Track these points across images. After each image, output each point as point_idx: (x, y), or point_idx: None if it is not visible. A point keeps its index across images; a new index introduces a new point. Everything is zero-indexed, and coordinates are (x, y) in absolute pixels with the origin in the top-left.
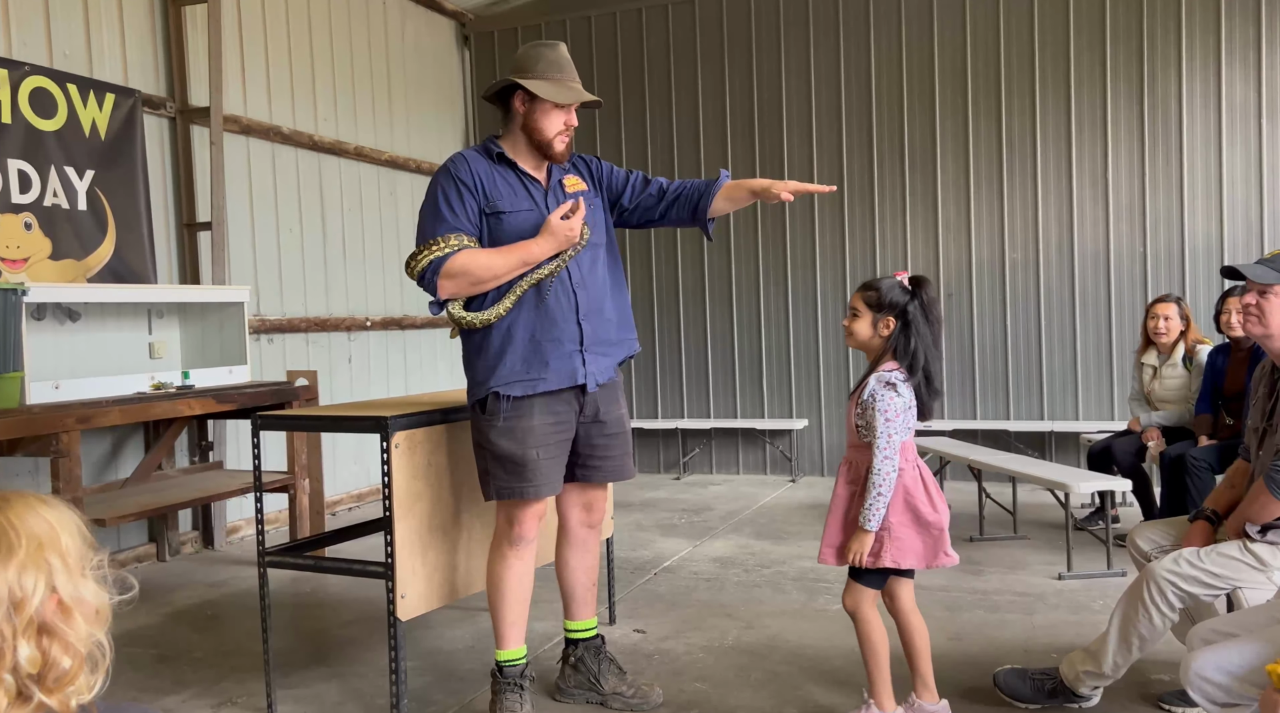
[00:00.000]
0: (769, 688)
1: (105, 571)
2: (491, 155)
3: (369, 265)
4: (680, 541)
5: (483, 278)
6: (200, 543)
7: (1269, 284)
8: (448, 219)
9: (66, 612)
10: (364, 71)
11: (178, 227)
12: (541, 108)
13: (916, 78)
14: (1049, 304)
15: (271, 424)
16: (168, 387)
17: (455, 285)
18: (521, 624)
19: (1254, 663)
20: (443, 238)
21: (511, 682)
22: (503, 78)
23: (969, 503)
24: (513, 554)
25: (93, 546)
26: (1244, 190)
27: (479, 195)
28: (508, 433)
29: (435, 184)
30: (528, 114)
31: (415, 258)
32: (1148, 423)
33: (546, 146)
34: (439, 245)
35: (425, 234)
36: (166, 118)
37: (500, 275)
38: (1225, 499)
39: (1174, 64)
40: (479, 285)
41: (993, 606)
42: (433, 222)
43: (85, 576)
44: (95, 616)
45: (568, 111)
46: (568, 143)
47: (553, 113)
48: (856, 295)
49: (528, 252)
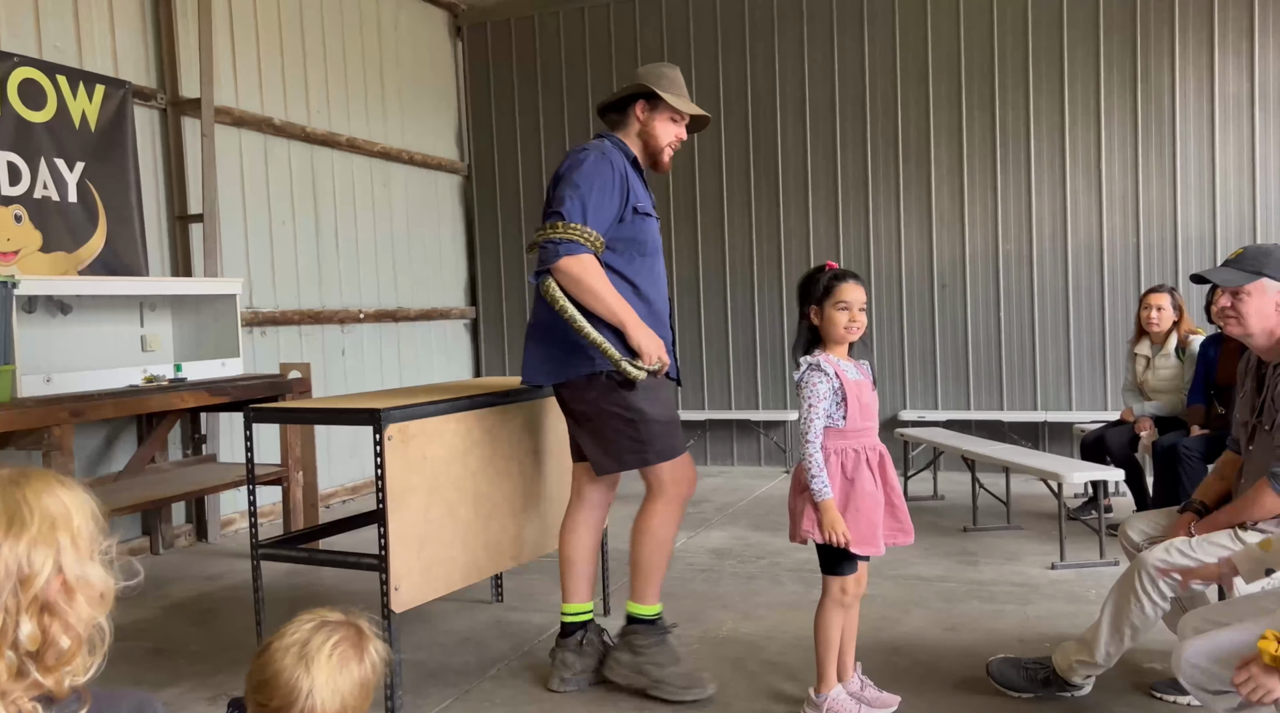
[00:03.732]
0: (765, 678)
1: (113, 556)
2: (626, 155)
3: (362, 257)
4: None
5: (586, 293)
6: (194, 536)
7: (1239, 286)
8: (597, 209)
9: (70, 592)
10: (356, 63)
11: (169, 219)
12: (660, 118)
13: (910, 69)
14: (1042, 295)
15: (264, 417)
16: (160, 380)
17: (567, 279)
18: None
19: (1245, 652)
20: (590, 230)
21: (660, 628)
22: (633, 84)
23: (963, 494)
24: (678, 511)
25: (104, 530)
26: (1236, 181)
27: (623, 193)
28: (657, 401)
29: (596, 167)
30: (647, 121)
31: (555, 226)
32: (1140, 413)
33: (657, 153)
34: (581, 233)
35: (573, 210)
36: (157, 109)
37: (597, 307)
38: (1214, 491)
39: (1167, 55)
40: (579, 295)
41: (988, 596)
42: (585, 202)
43: (93, 559)
44: (99, 599)
45: (680, 125)
46: (671, 156)
47: (670, 124)
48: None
49: (628, 322)
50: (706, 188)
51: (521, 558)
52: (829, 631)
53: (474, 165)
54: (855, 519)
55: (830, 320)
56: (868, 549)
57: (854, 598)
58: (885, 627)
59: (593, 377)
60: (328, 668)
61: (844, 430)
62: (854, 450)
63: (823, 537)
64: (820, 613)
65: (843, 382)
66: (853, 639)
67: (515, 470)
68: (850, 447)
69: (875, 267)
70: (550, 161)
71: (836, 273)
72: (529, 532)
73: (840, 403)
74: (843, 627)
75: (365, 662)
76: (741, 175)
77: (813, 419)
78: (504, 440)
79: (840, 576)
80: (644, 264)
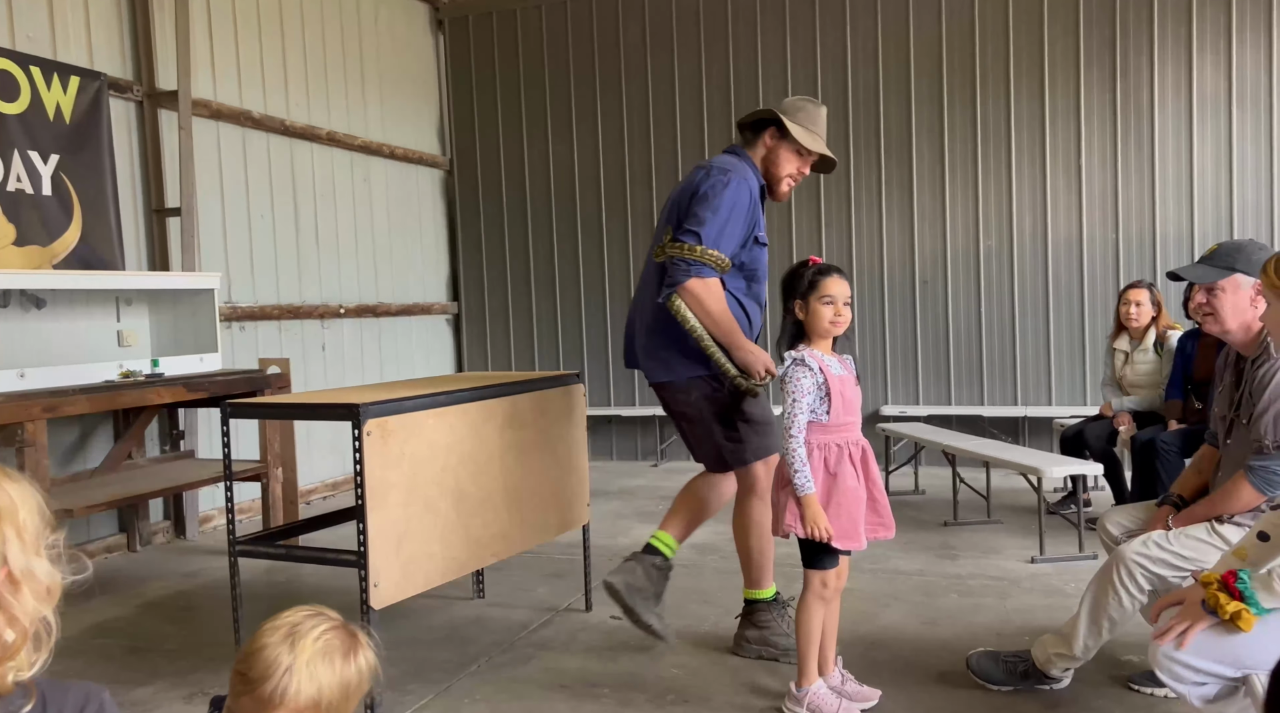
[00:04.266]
0: (746, 674)
1: (60, 550)
2: (758, 180)
3: (342, 252)
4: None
5: (705, 315)
6: (172, 533)
7: (1214, 282)
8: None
9: (15, 585)
10: (336, 56)
11: (146, 212)
12: (786, 149)
13: (892, 67)
14: (1023, 291)
15: (242, 412)
16: (137, 375)
17: (691, 299)
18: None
19: (1221, 644)
20: (721, 256)
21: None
22: (766, 108)
23: (944, 488)
24: (766, 505)
25: (51, 525)
26: (1214, 178)
27: (750, 221)
28: (755, 402)
29: (737, 193)
30: (773, 149)
31: (692, 249)
32: (1119, 408)
33: (775, 182)
34: (714, 259)
35: (710, 234)
36: (133, 101)
37: (713, 328)
38: (1191, 485)
39: (1146, 53)
40: (700, 314)
41: (967, 590)
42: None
43: (39, 553)
44: (45, 593)
45: (805, 161)
46: (790, 189)
47: (794, 157)
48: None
49: (738, 343)
50: None
51: (503, 554)
52: (810, 624)
53: (456, 159)
54: (837, 514)
55: (815, 315)
56: (849, 544)
57: (835, 592)
58: (865, 621)
59: (695, 380)
60: (310, 651)
61: (827, 425)
62: (837, 445)
63: (805, 531)
64: (801, 607)
65: (827, 376)
66: (834, 633)
67: (496, 466)
68: (833, 441)
69: (857, 262)
70: (533, 155)
71: (821, 267)
72: (511, 528)
73: (824, 398)
74: (823, 621)
75: (351, 664)
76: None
77: (796, 414)
78: (485, 436)
79: (821, 570)
80: (753, 289)
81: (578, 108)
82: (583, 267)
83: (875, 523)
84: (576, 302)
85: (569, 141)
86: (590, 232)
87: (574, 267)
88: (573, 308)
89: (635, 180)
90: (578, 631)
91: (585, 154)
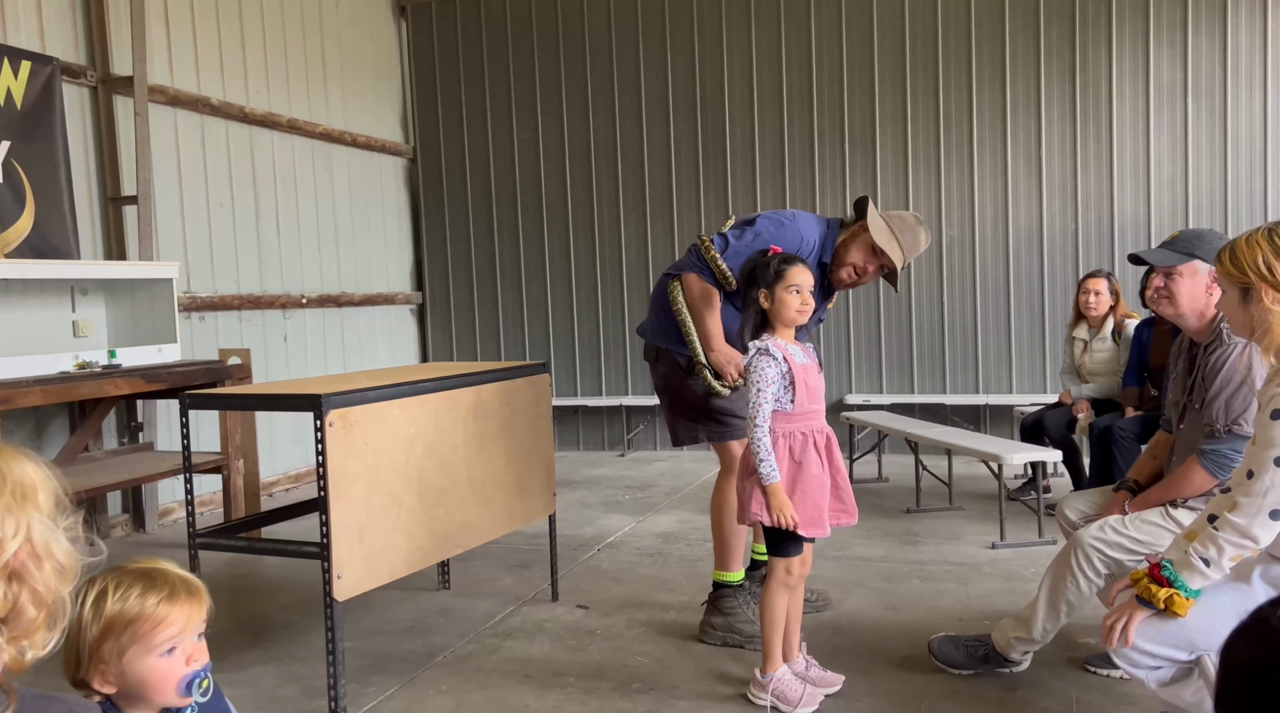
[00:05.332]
0: (711, 661)
1: (77, 533)
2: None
3: (304, 241)
4: (624, 517)
5: (692, 310)
6: (131, 526)
7: (1173, 266)
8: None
9: (39, 562)
10: (296, 42)
11: (102, 201)
12: (862, 240)
13: (856, 57)
14: (984, 281)
15: (200, 403)
16: (93, 366)
17: (685, 290)
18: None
19: (1175, 628)
20: (729, 272)
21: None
22: (866, 196)
23: (907, 476)
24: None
25: (65, 507)
26: (1170, 168)
27: None
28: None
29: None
30: (853, 235)
31: (709, 249)
32: (1078, 395)
33: (839, 265)
34: (720, 270)
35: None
36: (87, 87)
37: (694, 323)
38: (1147, 470)
39: (1104, 44)
40: (689, 305)
41: (929, 576)
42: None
43: (59, 531)
44: (64, 572)
45: (872, 260)
46: (852, 281)
47: (864, 250)
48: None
49: (715, 345)
50: (655, 174)
51: (468, 545)
52: (774, 612)
53: (419, 148)
54: (802, 502)
55: (782, 303)
56: (814, 531)
57: (799, 579)
58: (829, 607)
59: (665, 353)
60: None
61: (791, 414)
62: (801, 434)
63: (771, 520)
64: (765, 594)
65: (791, 366)
66: (798, 620)
67: (461, 457)
68: (798, 430)
69: None
70: (497, 143)
71: (785, 257)
72: (476, 518)
73: (789, 387)
74: (788, 608)
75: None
76: (690, 162)
77: (761, 404)
78: (449, 427)
79: (786, 557)
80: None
81: (542, 95)
82: (549, 255)
83: (838, 509)
84: (542, 291)
85: (534, 129)
86: (556, 220)
87: (540, 255)
88: (539, 297)
89: (600, 169)
90: (544, 621)
91: (550, 142)
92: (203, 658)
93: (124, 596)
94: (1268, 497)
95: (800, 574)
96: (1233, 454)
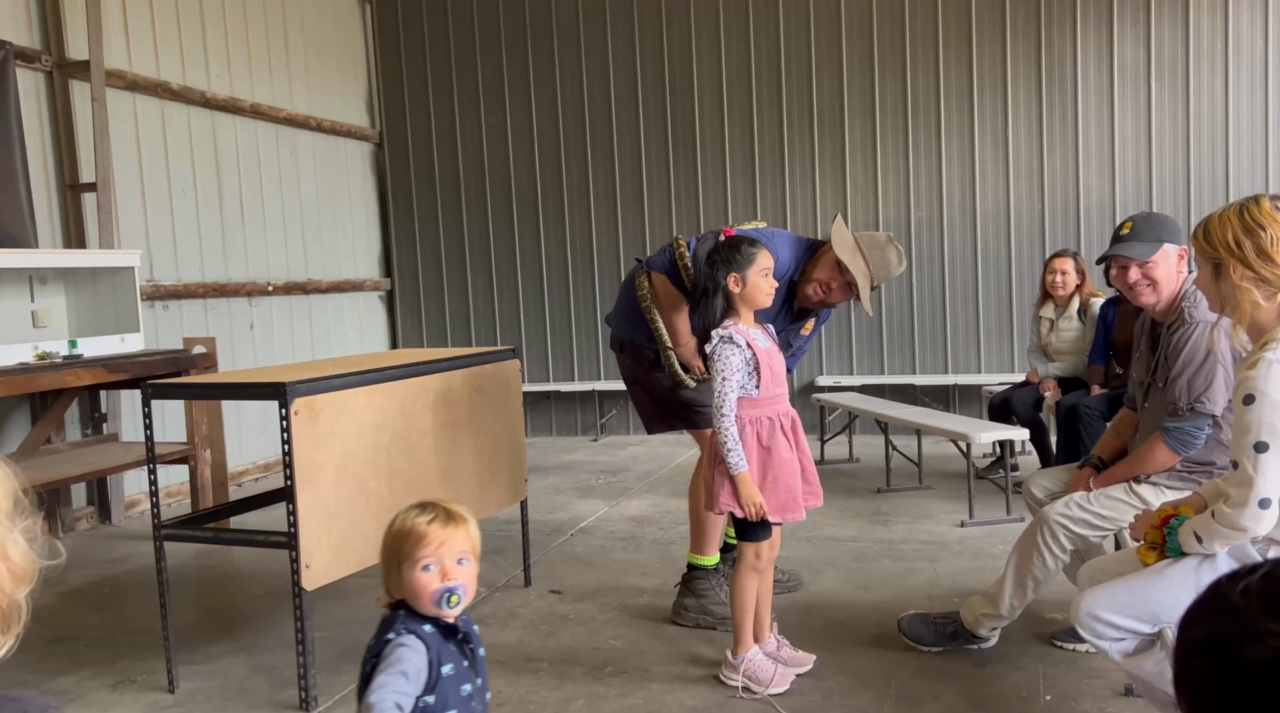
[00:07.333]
0: (683, 644)
1: (36, 534)
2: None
3: (269, 227)
4: (597, 501)
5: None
6: (97, 519)
7: (1148, 257)
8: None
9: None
10: (259, 26)
11: (60, 188)
12: (829, 257)
13: (824, 39)
14: (953, 261)
15: (164, 393)
16: (54, 356)
17: (655, 288)
18: None
19: (1138, 601)
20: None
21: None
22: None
23: (877, 456)
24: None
25: (24, 509)
26: (1134, 149)
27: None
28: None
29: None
30: (823, 253)
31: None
32: (1045, 374)
33: (805, 281)
34: (687, 272)
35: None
36: (42, 72)
37: (656, 319)
38: (1111, 447)
39: (1069, 25)
40: (655, 301)
41: (899, 555)
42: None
43: (15, 532)
44: (20, 575)
45: (835, 276)
46: (819, 297)
47: (829, 267)
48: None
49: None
50: (625, 159)
51: None
52: (744, 595)
53: (386, 132)
54: (774, 486)
55: (755, 287)
56: (789, 516)
57: (768, 563)
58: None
59: (628, 345)
60: None
61: (757, 399)
62: (768, 418)
63: (741, 510)
64: (735, 579)
65: (755, 351)
66: (768, 601)
67: (430, 444)
68: (764, 415)
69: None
70: (465, 128)
71: (753, 240)
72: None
73: (753, 372)
74: (758, 590)
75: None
76: (660, 146)
77: (726, 392)
78: (417, 414)
79: (755, 542)
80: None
81: (510, 79)
82: (519, 241)
83: (805, 491)
84: (513, 277)
85: (502, 114)
86: (525, 206)
87: (509, 241)
88: (509, 283)
89: (570, 154)
90: (516, 607)
91: (519, 126)
92: (457, 578)
93: (404, 517)
94: (1253, 486)
95: (769, 558)
96: (1195, 431)
